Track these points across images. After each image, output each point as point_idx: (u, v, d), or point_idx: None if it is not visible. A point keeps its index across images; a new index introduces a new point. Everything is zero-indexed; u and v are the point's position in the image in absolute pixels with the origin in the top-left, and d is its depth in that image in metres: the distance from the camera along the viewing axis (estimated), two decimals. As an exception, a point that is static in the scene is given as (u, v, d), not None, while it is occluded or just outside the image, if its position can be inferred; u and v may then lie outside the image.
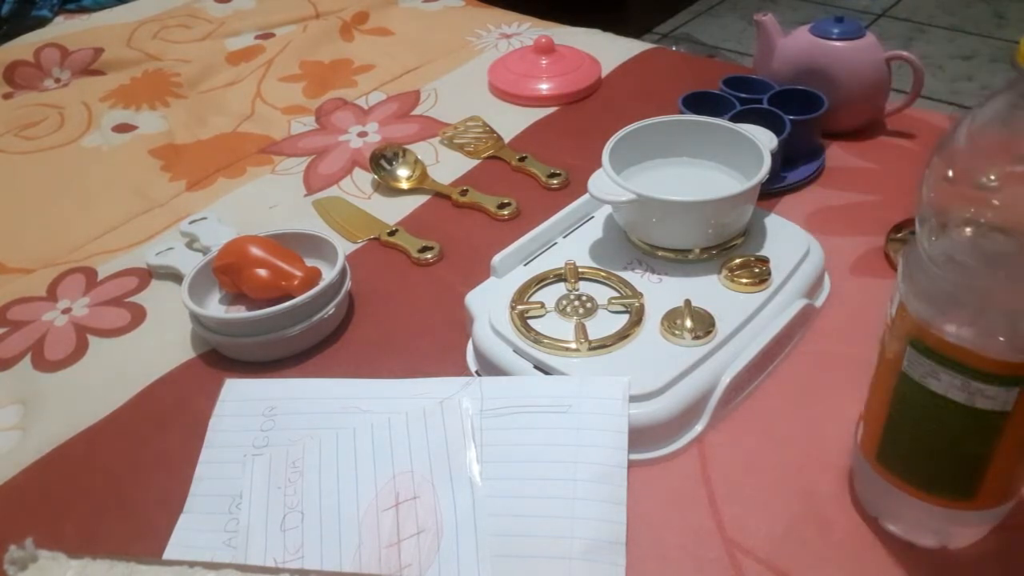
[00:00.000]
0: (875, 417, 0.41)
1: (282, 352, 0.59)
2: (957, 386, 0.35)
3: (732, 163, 0.62)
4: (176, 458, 0.51)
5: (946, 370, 0.35)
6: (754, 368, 0.52)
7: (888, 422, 0.40)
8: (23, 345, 0.62)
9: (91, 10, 1.13)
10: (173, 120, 0.90)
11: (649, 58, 0.96)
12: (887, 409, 0.40)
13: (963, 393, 0.35)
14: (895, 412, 0.40)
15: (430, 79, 0.95)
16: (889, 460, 0.41)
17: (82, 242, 0.72)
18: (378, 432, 0.49)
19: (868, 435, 0.42)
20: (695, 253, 0.58)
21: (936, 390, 0.36)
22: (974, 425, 0.36)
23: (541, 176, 0.75)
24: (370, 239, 0.70)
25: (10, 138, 0.89)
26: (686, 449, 0.50)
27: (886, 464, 0.41)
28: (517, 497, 0.45)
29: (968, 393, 0.35)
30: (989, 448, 0.37)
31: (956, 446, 0.38)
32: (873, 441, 0.42)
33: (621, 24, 1.58)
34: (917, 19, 2.39)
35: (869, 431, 0.42)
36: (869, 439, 0.42)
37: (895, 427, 0.40)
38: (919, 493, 0.40)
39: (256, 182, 0.79)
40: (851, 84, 0.73)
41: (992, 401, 0.35)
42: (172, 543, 0.47)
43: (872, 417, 0.42)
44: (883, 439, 0.41)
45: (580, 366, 0.51)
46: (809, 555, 0.44)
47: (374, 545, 0.44)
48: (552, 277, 0.57)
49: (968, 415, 0.36)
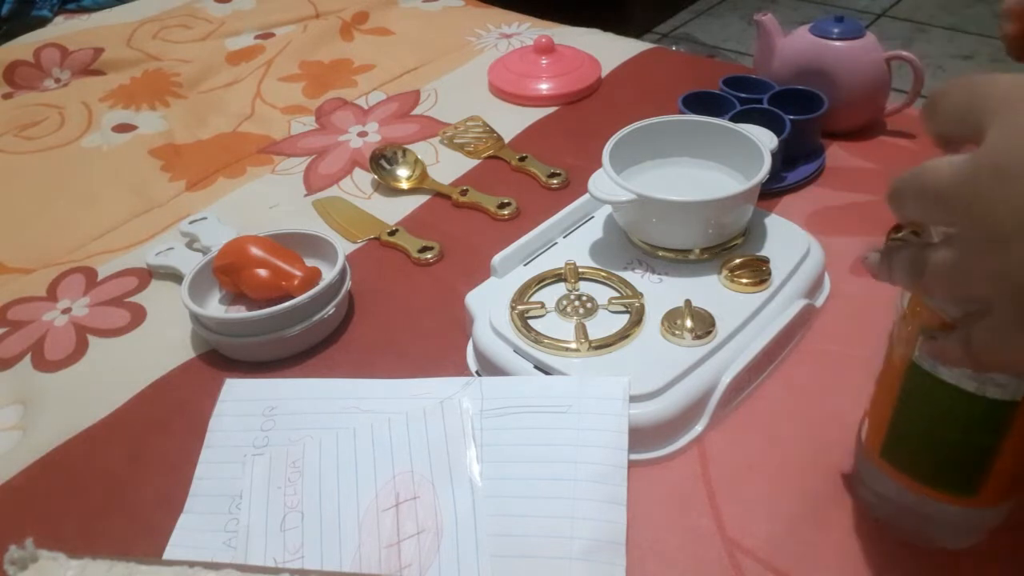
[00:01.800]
0: (881, 412, 0.41)
1: (282, 352, 0.59)
2: (968, 375, 0.35)
3: (732, 163, 0.62)
4: (176, 458, 0.51)
5: None
6: (754, 368, 0.52)
7: (895, 416, 0.40)
8: (23, 345, 0.62)
9: (91, 10, 1.13)
10: (173, 120, 0.90)
11: (649, 58, 0.96)
12: (894, 403, 0.40)
13: (974, 382, 0.35)
14: (903, 405, 0.40)
15: (430, 79, 0.95)
16: (893, 455, 0.41)
17: (82, 242, 0.72)
18: (378, 432, 0.49)
19: (873, 431, 0.42)
20: (695, 253, 0.58)
21: (947, 379, 0.36)
22: (983, 415, 0.36)
23: (541, 176, 0.75)
24: (370, 239, 0.70)
25: (10, 138, 0.89)
26: (686, 449, 0.50)
27: (890, 459, 0.42)
28: (517, 497, 0.45)
29: (979, 382, 0.35)
30: (997, 440, 0.37)
31: (964, 438, 0.38)
32: (878, 436, 0.42)
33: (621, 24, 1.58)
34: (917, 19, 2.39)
35: (874, 426, 0.42)
36: (874, 434, 0.42)
37: (902, 420, 0.40)
38: (923, 488, 0.40)
39: (256, 182, 0.79)
40: (851, 84, 0.73)
41: (1002, 390, 0.35)
42: (172, 543, 0.47)
43: (877, 412, 0.42)
44: (888, 433, 0.41)
45: (580, 366, 0.51)
46: (809, 555, 0.44)
47: (374, 545, 0.44)
48: (552, 277, 0.57)
49: (977, 405, 0.36)
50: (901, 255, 0.34)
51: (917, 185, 0.31)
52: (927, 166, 0.31)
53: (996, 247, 0.28)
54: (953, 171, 0.29)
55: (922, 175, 0.31)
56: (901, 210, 0.33)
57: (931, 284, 0.32)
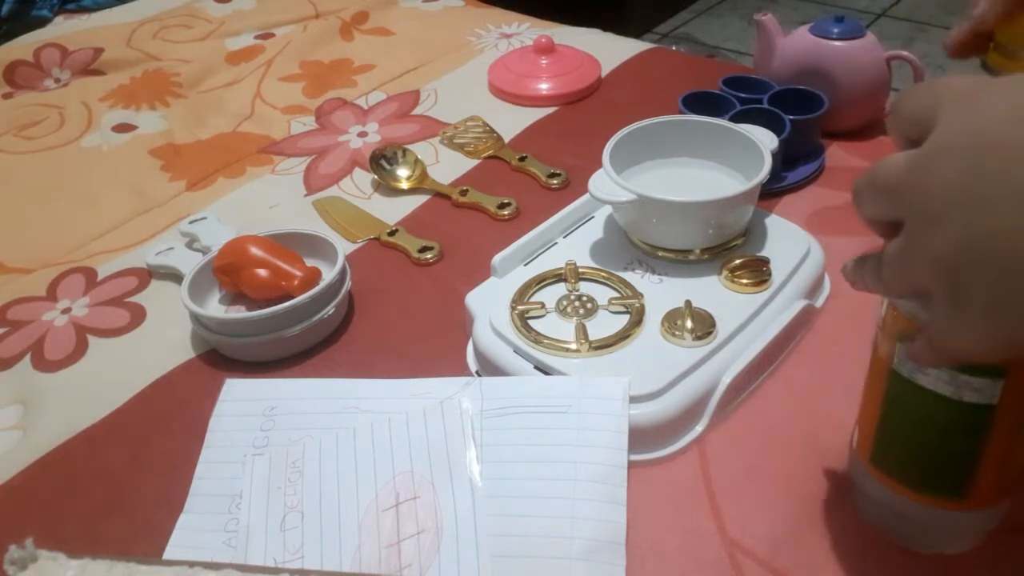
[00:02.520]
0: (868, 419, 0.41)
1: (282, 352, 0.59)
2: (944, 380, 0.36)
3: (732, 163, 0.62)
4: (176, 458, 0.51)
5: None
6: (754, 369, 0.52)
7: (880, 422, 0.40)
8: (23, 345, 0.62)
9: (91, 10, 1.13)
10: (173, 120, 0.90)
11: (649, 58, 0.96)
12: (879, 410, 0.40)
13: (950, 387, 0.36)
14: (887, 412, 0.40)
15: (430, 79, 0.95)
16: (882, 461, 0.41)
17: (82, 242, 0.72)
18: (378, 432, 0.49)
19: (862, 438, 0.43)
20: (695, 253, 0.58)
21: (925, 385, 0.36)
22: (962, 420, 0.36)
23: (541, 176, 0.75)
24: (370, 239, 0.70)
25: (10, 138, 0.89)
26: (686, 450, 0.50)
27: (880, 466, 0.42)
28: (517, 497, 0.45)
29: (955, 386, 0.35)
30: (978, 444, 0.37)
31: (946, 443, 0.38)
32: (867, 443, 0.42)
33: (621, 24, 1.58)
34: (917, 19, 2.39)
35: (863, 433, 0.42)
36: (863, 441, 0.42)
37: (887, 426, 0.40)
38: (913, 494, 0.40)
39: (256, 182, 0.79)
40: (851, 84, 0.73)
41: (979, 394, 0.35)
42: (172, 543, 0.47)
43: (866, 419, 0.42)
44: (876, 440, 0.41)
45: (580, 366, 0.51)
46: (809, 556, 0.44)
47: (374, 545, 0.44)
48: (552, 277, 0.57)
49: (956, 410, 0.36)
50: (870, 259, 0.35)
51: (872, 180, 0.32)
52: (883, 161, 0.32)
53: (931, 228, 0.29)
54: (905, 161, 0.30)
55: (876, 170, 0.32)
56: (861, 208, 0.34)
57: (888, 280, 0.33)
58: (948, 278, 0.29)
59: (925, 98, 0.31)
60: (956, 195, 0.28)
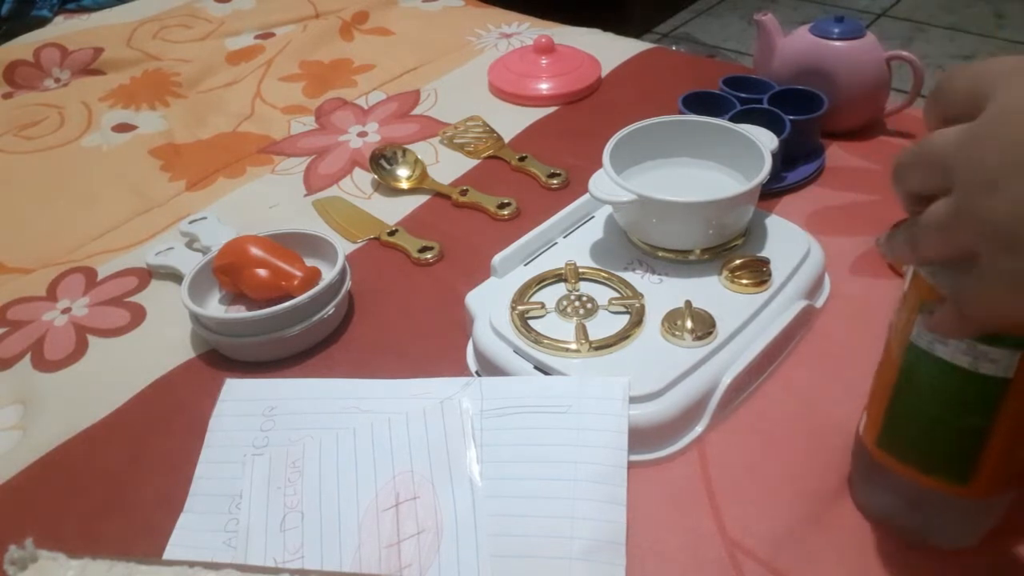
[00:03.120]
0: (878, 400, 0.42)
1: (282, 352, 0.59)
2: (963, 350, 0.36)
3: (732, 163, 0.62)
4: (176, 458, 0.51)
5: None
6: (754, 369, 0.52)
7: (891, 401, 0.41)
8: (23, 345, 0.62)
9: (91, 10, 1.13)
10: (173, 120, 0.90)
11: (649, 58, 0.96)
12: (891, 388, 0.41)
13: (968, 357, 0.36)
14: (899, 388, 0.40)
15: (430, 79, 0.95)
16: (889, 442, 0.42)
17: (82, 242, 0.72)
18: (378, 432, 0.49)
19: (871, 422, 0.43)
20: (696, 254, 0.58)
21: (943, 356, 0.37)
22: (976, 393, 0.37)
23: (541, 176, 0.75)
24: (370, 239, 0.70)
25: (10, 138, 0.89)
26: (686, 450, 0.50)
27: (886, 447, 0.42)
28: (517, 497, 0.45)
29: (973, 357, 0.36)
30: (989, 422, 0.37)
31: (957, 418, 0.38)
32: (875, 425, 0.42)
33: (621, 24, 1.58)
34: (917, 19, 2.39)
35: (872, 417, 0.43)
36: (871, 425, 0.43)
37: (898, 404, 0.41)
38: (917, 475, 0.41)
39: (256, 182, 0.79)
40: (851, 84, 0.73)
41: (995, 366, 0.35)
42: (172, 543, 0.47)
43: (875, 402, 0.42)
44: (885, 420, 0.42)
45: (580, 367, 0.51)
46: (810, 556, 0.44)
47: (374, 545, 0.44)
48: (552, 277, 0.57)
49: (971, 382, 0.36)
50: (902, 228, 0.36)
51: (920, 153, 0.33)
52: (930, 137, 0.33)
53: (985, 191, 0.30)
54: (957, 134, 0.31)
55: (924, 144, 0.33)
56: (905, 182, 0.34)
57: (926, 245, 0.33)
58: (1004, 239, 0.30)
59: (972, 78, 0.32)
60: (1017, 160, 0.29)
